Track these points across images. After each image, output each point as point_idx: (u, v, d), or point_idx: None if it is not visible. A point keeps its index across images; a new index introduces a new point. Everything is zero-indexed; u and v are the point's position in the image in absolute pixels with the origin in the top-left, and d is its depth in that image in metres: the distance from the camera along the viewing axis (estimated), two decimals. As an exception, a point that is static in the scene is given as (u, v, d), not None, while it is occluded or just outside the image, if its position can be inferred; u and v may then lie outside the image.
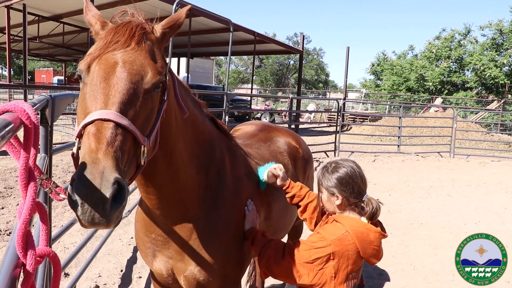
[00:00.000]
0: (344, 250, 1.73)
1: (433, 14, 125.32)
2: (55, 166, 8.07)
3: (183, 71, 21.30)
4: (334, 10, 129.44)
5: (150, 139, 1.33)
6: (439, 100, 26.44)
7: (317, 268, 1.74)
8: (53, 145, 2.25)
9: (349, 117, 25.86)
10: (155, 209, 1.75)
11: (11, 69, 16.98)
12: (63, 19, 16.72)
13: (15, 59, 42.37)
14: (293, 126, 15.53)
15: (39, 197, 1.98)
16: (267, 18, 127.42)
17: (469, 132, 16.38)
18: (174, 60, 23.55)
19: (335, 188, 1.86)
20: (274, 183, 2.15)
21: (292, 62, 51.87)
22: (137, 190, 3.39)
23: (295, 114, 18.05)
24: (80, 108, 1.28)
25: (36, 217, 0.96)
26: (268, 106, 27.35)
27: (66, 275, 3.71)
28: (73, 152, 1.25)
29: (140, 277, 3.89)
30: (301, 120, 24.51)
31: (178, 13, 1.52)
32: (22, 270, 0.86)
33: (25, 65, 11.71)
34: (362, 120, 25.33)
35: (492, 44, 29.56)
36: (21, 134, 0.93)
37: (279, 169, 2.13)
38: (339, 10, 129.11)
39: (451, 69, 32.24)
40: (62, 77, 29.76)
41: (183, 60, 23.18)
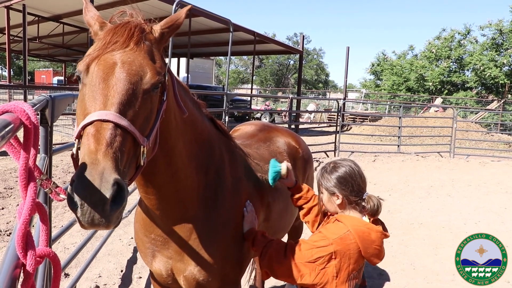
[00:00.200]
0: (346, 249, 1.73)
1: (433, 14, 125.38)
2: (55, 167, 8.07)
3: (183, 72, 21.31)
4: (334, 10, 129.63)
5: (150, 140, 1.33)
6: (439, 100, 26.43)
7: (319, 268, 1.74)
8: (53, 146, 2.25)
9: (349, 117, 25.86)
10: (155, 209, 1.75)
11: (11, 70, 16.97)
12: (63, 20, 16.72)
13: (15, 60, 42.39)
14: (293, 126, 15.53)
15: (39, 198, 1.98)
16: (267, 18, 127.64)
17: (469, 132, 16.37)
18: (174, 61, 23.53)
19: (335, 188, 1.86)
20: (284, 180, 2.16)
21: (292, 62, 51.87)
22: (137, 191, 3.39)
23: (295, 114, 18.04)
24: (79, 109, 1.28)
25: (36, 218, 0.96)
26: (268, 106, 27.34)
27: (66, 276, 3.71)
28: (73, 153, 1.24)
29: (140, 278, 3.89)
30: (301, 120, 24.49)
31: (178, 13, 1.52)
32: (22, 271, 0.86)
33: (25, 66, 11.72)
34: (362, 120, 25.32)
35: (492, 44, 29.56)
36: (21, 135, 0.93)
37: (291, 167, 2.16)
38: (339, 10, 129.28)
39: (451, 69, 32.25)
40: (62, 78, 29.74)
41: (183, 61, 23.17)
